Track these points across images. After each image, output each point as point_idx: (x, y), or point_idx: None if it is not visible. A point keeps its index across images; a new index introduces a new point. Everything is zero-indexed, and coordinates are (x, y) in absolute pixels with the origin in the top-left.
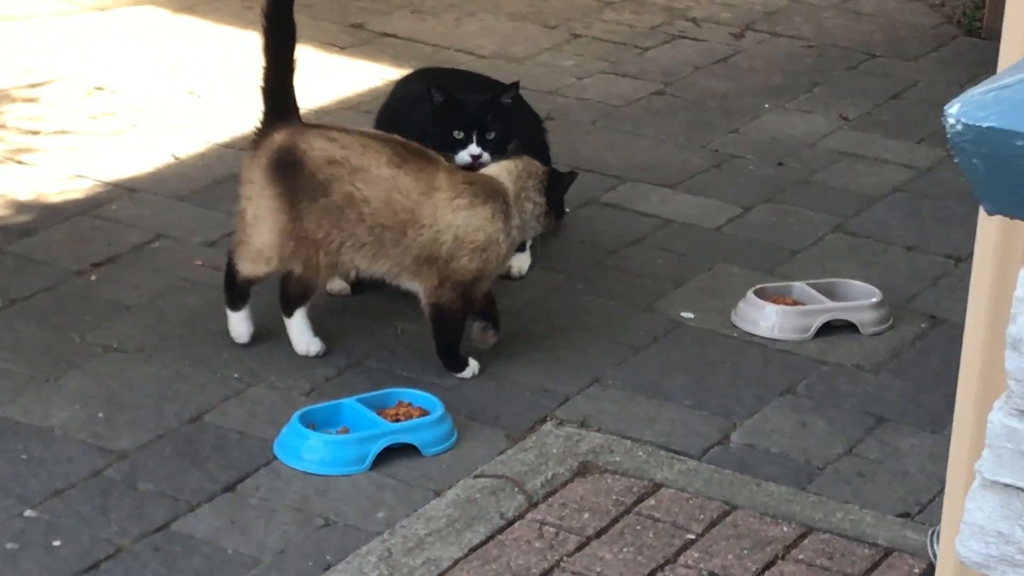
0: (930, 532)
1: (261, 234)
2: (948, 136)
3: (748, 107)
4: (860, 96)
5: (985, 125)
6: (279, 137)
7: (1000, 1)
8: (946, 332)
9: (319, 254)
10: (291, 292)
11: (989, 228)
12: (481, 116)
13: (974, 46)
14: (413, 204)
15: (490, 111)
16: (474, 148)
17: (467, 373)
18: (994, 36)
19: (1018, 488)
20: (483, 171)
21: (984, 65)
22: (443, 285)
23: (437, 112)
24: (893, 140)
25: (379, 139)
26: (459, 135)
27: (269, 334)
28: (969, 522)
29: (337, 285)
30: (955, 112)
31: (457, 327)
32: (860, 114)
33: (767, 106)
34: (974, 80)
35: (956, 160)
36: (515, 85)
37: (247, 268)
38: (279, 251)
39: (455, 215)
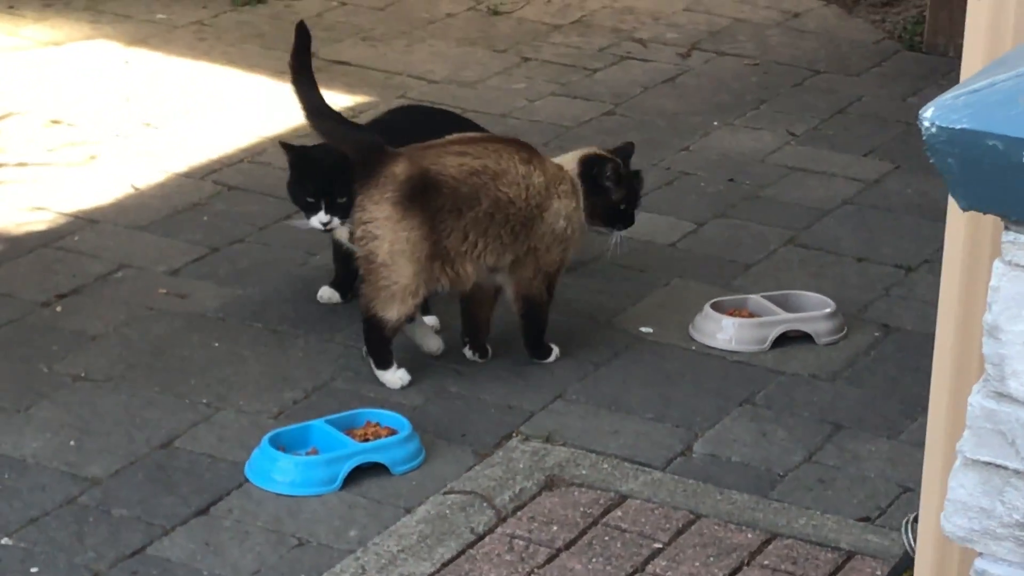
0: (904, 522)
1: (401, 269)
2: (924, 138)
3: (697, 125)
4: (806, 112)
5: (958, 127)
6: (399, 169)
7: (939, 16)
8: (899, 340)
9: (465, 265)
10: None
11: (958, 225)
12: (329, 183)
13: (915, 60)
14: (542, 198)
15: (338, 176)
16: (323, 216)
17: (552, 358)
18: (934, 50)
19: (997, 465)
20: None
21: (925, 79)
22: (536, 276)
23: (292, 171)
24: (840, 154)
25: (497, 140)
26: (311, 200)
27: (234, 359)
28: (952, 499)
29: (326, 293)
30: (930, 115)
31: (544, 316)
32: (807, 129)
33: (716, 124)
34: (917, 93)
35: (931, 160)
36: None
37: (396, 311)
38: (424, 278)
39: (559, 204)
